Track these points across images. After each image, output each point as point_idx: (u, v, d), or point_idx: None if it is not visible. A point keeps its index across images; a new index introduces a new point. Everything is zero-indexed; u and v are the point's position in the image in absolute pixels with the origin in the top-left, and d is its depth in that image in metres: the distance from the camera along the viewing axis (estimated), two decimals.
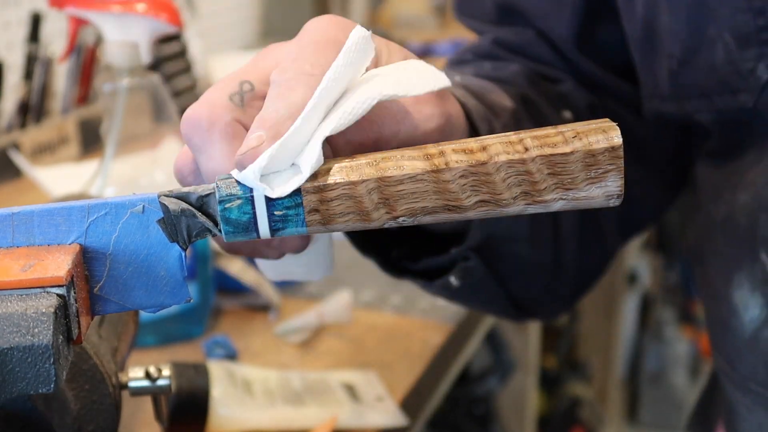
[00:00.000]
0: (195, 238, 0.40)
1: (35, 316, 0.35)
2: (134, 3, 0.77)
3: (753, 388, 0.55)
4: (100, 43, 1.38)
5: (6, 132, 1.30)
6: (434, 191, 0.39)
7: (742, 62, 0.52)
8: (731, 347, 0.56)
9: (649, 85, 0.60)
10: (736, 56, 0.52)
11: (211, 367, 0.66)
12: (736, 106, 0.54)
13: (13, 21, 1.46)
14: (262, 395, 0.71)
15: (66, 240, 0.39)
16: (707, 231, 0.60)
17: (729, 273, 0.56)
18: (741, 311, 0.55)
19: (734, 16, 0.52)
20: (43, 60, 1.33)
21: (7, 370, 0.35)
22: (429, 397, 0.83)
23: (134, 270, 0.39)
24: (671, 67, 0.56)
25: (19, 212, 0.39)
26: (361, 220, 0.39)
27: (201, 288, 0.84)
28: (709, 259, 0.60)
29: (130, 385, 0.53)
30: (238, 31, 2.20)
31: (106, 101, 0.80)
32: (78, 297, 0.37)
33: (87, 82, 1.42)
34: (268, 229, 0.39)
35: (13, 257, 0.38)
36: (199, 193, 0.39)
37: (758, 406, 0.55)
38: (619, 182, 0.39)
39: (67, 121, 1.36)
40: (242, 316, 0.89)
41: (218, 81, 0.44)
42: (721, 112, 0.55)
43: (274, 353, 0.82)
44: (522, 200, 0.39)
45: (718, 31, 0.53)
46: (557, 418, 2.07)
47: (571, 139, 0.39)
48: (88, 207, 0.39)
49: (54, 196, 1.09)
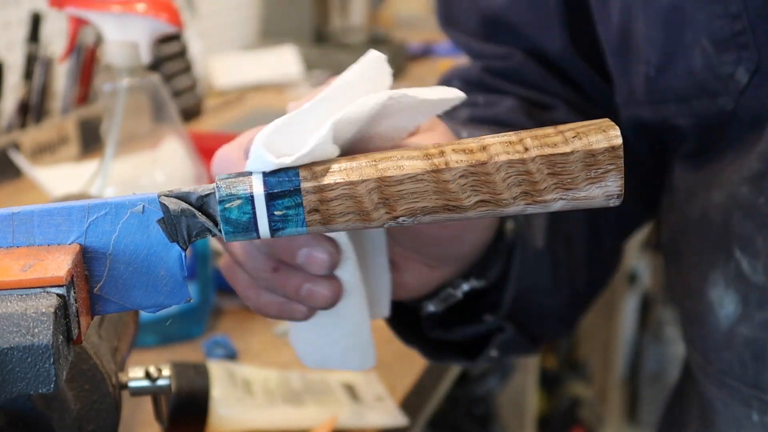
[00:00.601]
0: (195, 238, 0.40)
1: (35, 316, 0.35)
2: (134, 3, 0.77)
3: (729, 382, 0.55)
4: (100, 43, 1.38)
5: (6, 132, 1.30)
6: (434, 191, 0.39)
7: (721, 66, 0.52)
8: (707, 343, 0.57)
9: (624, 91, 0.60)
10: (714, 61, 0.53)
11: (211, 367, 0.66)
12: (715, 109, 0.54)
13: (13, 21, 1.46)
14: (262, 395, 0.71)
15: (66, 240, 0.39)
16: (682, 230, 0.60)
17: (704, 270, 0.57)
18: (716, 308, 0.55)
19: (711, 22, 0.52)
20: (43, 60, 1.33)
21: (7, 370, 0.35)
22: (429, 397, 0.83)
23: (134, 270, 0.39)
24: (648, 73, 0.56)
25: (19, 212, 0.39)
26: (361, 220, 0.39)
27: (201, 288, 0.84)
28: (684, 257, 0.60)
29: (130, 385, 0.53)
30: (238, 31, 2.20)
31: (106, 101, 0.80)
32: (78, 297, 0.37)
33: (87, 82, 1.42)
34: (268, 229, 0.39)
35: (13, 257, 0.38)
36: (199, 193, 0.39)
37: (733, 400, 0.55)
38: (620, 182, 0.39)
39: (67, 121, 1.36)
40: (242, 316, 0.89)
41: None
42: (699, 117, 0.55)
43: (274, 353, 0.82)
44: (522, 200, 0.39)
45: (696, 37, 0.53)
46: (557, 418, 2.07)
47: (571, 139, 0.39)
48: (88, 207, 0.39)
49: (54, 196, 1.09)
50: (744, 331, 0.54)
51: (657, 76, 0.56)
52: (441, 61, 2.12)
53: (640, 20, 0.56)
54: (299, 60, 1.99)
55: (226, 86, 1.88)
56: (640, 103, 0.59)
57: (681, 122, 0.57)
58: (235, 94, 1.83)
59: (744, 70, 0.52)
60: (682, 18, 0.53)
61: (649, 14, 0.55)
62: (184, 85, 1.64)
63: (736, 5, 0.51)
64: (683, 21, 0.53)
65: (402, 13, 2.78)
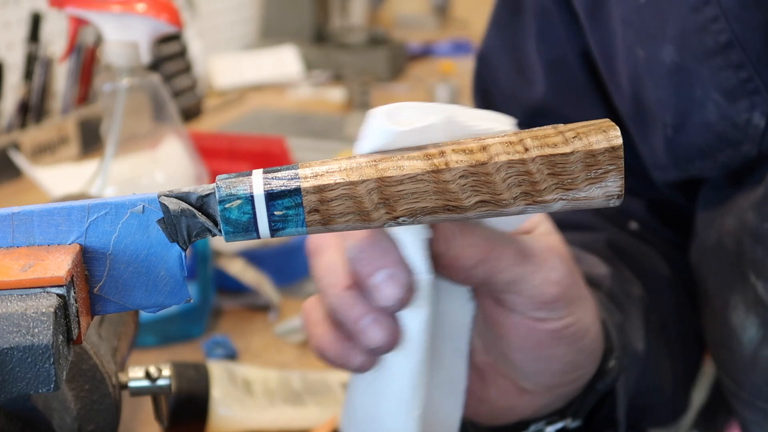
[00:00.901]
0: (195, 238, 0.40)
1: (35, 316, 0.35)
2: (134, 3, 0.77)
3: (760, 405, 0.55)
4: (100, 43, 1.39)
5: (6, 132, 1.30)
6: (434, 191, 0.39)
7: (736, 115, 0.53)
8: (734, 368, 0.57)
9: (648, 156, 0.61)
10: (728, 111, 0.53)
11: (211, 367, 0.66)
12: (740, 158, 0.54)
13: (13, 21, 1.46)
14: (262, 395, 0.71)
15: (66, 240, 0.39)
16: (701, 256, 0.61)
17: (724, 295, 0.57)
18: (739, 332, 0.55)
19: (716, 75, 0.52)
20: (43, 60, 1.33)
21: (7, 370, 0.35)
22: None
23: (134, 270, 0.39)
24: (666, 134, 0.57)
25: (19, 212, 0.39)
26: (361, 220, 0.39)
27: (201, 288, 0.84)
28: (707, 281, 0.60)
29: (130, 385, 0.53)
30: (238, 31, 2.20)
31: (106, 101, 0.80)
32: (78, 297, 0.37)
33: (87, 82, 1.42)
34: (268, 229, 0.39)
35: (13, 257, 0.38)
36: (199, 193, 0.39)
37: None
38: (620, 182, 0.39)
39: (67, 121, 1.36)
40: (242, 316, 0.89)
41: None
42: (726, 167, 0.55)
43: (274, 353, 0.82)
44: (522, 200, 0.39)
45: (705, 91, 0.53)
46: None
47: (572, 140, 0.38)
48: (88, 207, 0.39)
49: (54, 196, 1.09)
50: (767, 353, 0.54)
51: (675, 136, 0.56)
52: (441, 61, 2.13)
53: (649, 84, 0.56)
54: (299, 60, 1.99)
55: (226, 86, 1.88)
56: (664, 167, 0.59)
57: (709, 175, 0.57)
58: (235, 94, 1.83)
59: (760, 115, 0.52)
60: (687, 76, 0.54)
61: (656, 77, 0.55)
62: (184, 85, 1.64)
63: (737, 55, 0.51)
64: (689, 79, 0.54)
65: (402, 13, 2.79)
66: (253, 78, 1.92)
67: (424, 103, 0.41)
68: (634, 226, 0.66)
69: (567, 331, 0.46)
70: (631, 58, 0.57)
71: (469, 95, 0.77)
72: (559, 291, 0.45)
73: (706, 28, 0.52)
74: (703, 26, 0.52)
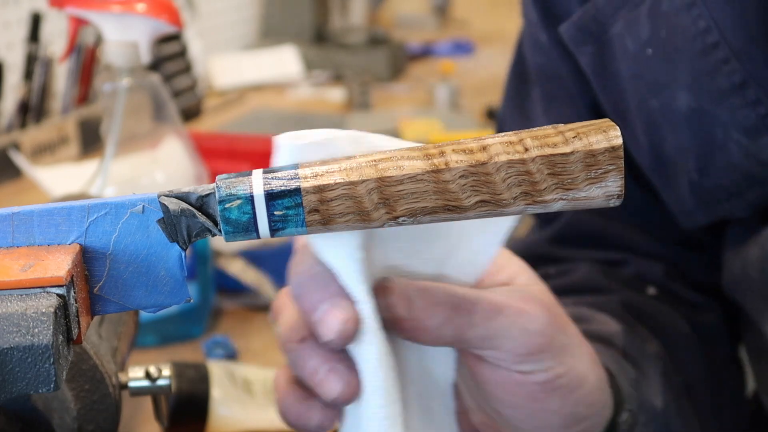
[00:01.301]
0: (195, 238, 0.40)
1: (35, 316, 0.35)
2: (134, 3, 0.77)
3: None
4: (100, 43, 1.39)
5: (6, 132, 1.30)
6: (434, 191, 0.39)
7: (760, 152, 0.52)
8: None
9: (673, 204, 0.60)
10: (751, 149, 0.52)
11: (211, 367, 0.66)
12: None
13: (13, 21, 1.46)
14: (262, 395, 0.71)
15: (66, 240, 0.39)
16: (732, 283, 0.60)
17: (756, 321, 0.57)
18: None
19: (734, 114, 0.52)
20: (43, 60, 1.33)
21: (7, 370, 0.35)
22: None
23: (134, 270, 0.39)
24: (691, 179, 0.56)
25: (19, 212, 0.39)
26: (361, 220, 0.39)
27: (201, 288, 0.84)
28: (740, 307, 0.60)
29: (130, 385, 0.53)
30: (238, 31, 2.20)
31: (106, 101, 0.80)
32: (78, 297, 0.37)
33: (87, 82, 1.42)
34: (268, 229, 0.39)
35: (13, 257, 0.38)
36: (199, 193, 0.39)
37: None
38: (620, 182, 0.39)
39: (67, 121, 1.36)
40: (242, 316, 0.89)
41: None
42: (755, 205, 0.55)
43: (274, 353, 0.82)
44: (522, 200, 0.39)
45: (726, 132, 0.53)
46: None
47: (572, 140, 0.38)
48: (88, 207, 0.39)
49: (54, 196, 1.09)
50: None
51: (700, 180, 0.56)
52: (441, 61, 2.13)
53: (667, 133, 0.56)
54: (299, 60, 1.99)
55: (226, 86, 1.88)
56: (692, 212, 0.58)
57: (739, 215, 0.57)
58: (235, 94, 1.83)
59: None
60: (705, 119, 0.53)
61: (673, 125, 0.55)
62: (184, 85, 1.64)
63: (753, 92, 0.51)
64: (708, 121, 0.53)
65: (402, 13, 2.79)
66: (253, 78, 1.92)
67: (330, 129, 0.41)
68: (652, 291, 0.64)
69: (558, 381, 0.44)
70: (644, 110, 0.57)
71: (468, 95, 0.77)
72: (542, 341, 0.43)
73: (718, 70, 0.52)
74: (714, 68, 0.52)
